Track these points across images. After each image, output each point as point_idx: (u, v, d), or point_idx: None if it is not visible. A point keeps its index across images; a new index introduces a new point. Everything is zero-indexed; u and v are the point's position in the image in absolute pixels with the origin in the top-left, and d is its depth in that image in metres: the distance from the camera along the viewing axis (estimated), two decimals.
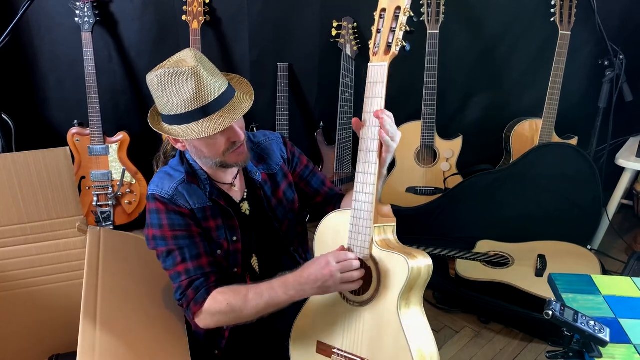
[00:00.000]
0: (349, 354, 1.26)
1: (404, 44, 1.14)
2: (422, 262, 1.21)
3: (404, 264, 1.16)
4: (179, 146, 1.32)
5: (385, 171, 1.28)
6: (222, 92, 1.22)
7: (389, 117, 1.18)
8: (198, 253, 1.31)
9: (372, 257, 1.21)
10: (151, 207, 1.31)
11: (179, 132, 1.22)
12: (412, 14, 1.13)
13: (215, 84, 1.21)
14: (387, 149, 1.20)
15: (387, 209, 1.28)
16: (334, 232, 1.28)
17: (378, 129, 1.16)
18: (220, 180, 1.38)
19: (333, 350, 1.28)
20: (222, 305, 1.27)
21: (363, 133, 1.19)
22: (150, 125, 1.30)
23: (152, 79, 1.22)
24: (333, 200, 1.52)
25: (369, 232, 1.21)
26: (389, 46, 1.13)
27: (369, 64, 1.16)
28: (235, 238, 1.36)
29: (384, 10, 1.14)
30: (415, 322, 1.22)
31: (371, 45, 1.16)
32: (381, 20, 1.15)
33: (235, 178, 1.41)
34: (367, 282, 1.23)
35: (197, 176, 1.34)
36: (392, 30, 1.13)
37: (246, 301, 1.25)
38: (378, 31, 1.15)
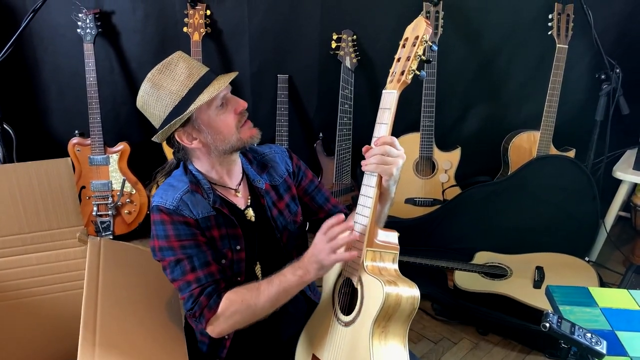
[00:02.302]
0: None
1: (417, 72, 1.16)
2: (405, 292, 1.17)
3: (379, 288, 1.14)
4: (195, 144, 1.32)
5: (391, 195, 1.30)
6: (207, 69, 1.31)
7: (387, 145, 1.19)
8: (207, 261, 1.31)
9: (360, 280, 1.21)
10: (156, 219, 1.31)
11: (192, 109, 1.26)
12: (431, 44, 1.16)
13: (199, 64, 1.31)
14: (384, 176, 1.21)
15: (389, 237, 1.26)
16: None
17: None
18: (225, 185, 1.40)
19: None
20: (237, 303, 1.27)
21: (367, 155, 1.21)
22: (166, 143, 1.35)
23: (144, 89, 1.28)
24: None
25: (360, 254, 1.20)
26: (402, 74, 1.16)
27: (383, 91, 1.19)
28: (239, 247, 1.37)
29: (406, 39, 1.17)
30: (391, 356, 1.19)
31: (390, 73, 1.18)
32: (402, 49, 1.18)
33: (240, 184, 1.42)
34: (354, 303, 1.23)
35: (200, 185, 1.35)
36: (408, 59, 1.15)
37: (259, 292, 1.25)
38: (398, 60, 1.18)
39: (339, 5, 2.71)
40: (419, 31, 1.15)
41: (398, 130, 2.87)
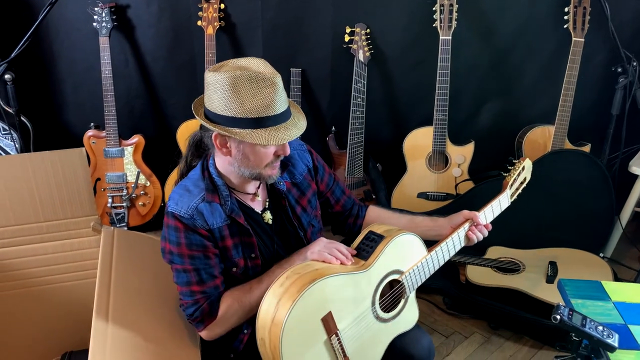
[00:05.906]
0: (342, 346, 1.30)
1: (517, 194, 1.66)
2: None
3: (416, 316, 1.50)
4: (224, 151, 1.29)
5: None
6: (288, 106, 1.27)
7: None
8: (213, 274, 1.33)
9: (408, 297, 1.43)
10: (170, 224, 1.31)
11: (245, 135, 1.21)
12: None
13: (285, 97, 1.25)
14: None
15: None
16: (403, 255, 1.41)
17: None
18: (244, 191, 1.39)
19: (337, 331, 1.28)
20: (234, 306, 1.32)
21: (482, 232, 1.56)
22: (203, 124, 1.27)
23: (222, 79, 1.20)
24: (352, 209, 1.59)
25: (425, 279, 1.45)
26: (516, 189, 1.66)
27: (505, 194, 1.61)
28: (254, 255, 1.37)
29: (523, 168, 1.63)
30: None
31: (510, 179, 1.61)
32: (516, 168, 1.63)
33: (258, 188, 1.42)
34: (394, 304, 1.41)
35: (218, 191, 1.34)
36: (521, 184, 1.67)
37: (251, 292, 1.33)
38: (518, 174, 1.63)
39: None
40: (527, 178, 1.68)
41: (411, 124, 2.86)
